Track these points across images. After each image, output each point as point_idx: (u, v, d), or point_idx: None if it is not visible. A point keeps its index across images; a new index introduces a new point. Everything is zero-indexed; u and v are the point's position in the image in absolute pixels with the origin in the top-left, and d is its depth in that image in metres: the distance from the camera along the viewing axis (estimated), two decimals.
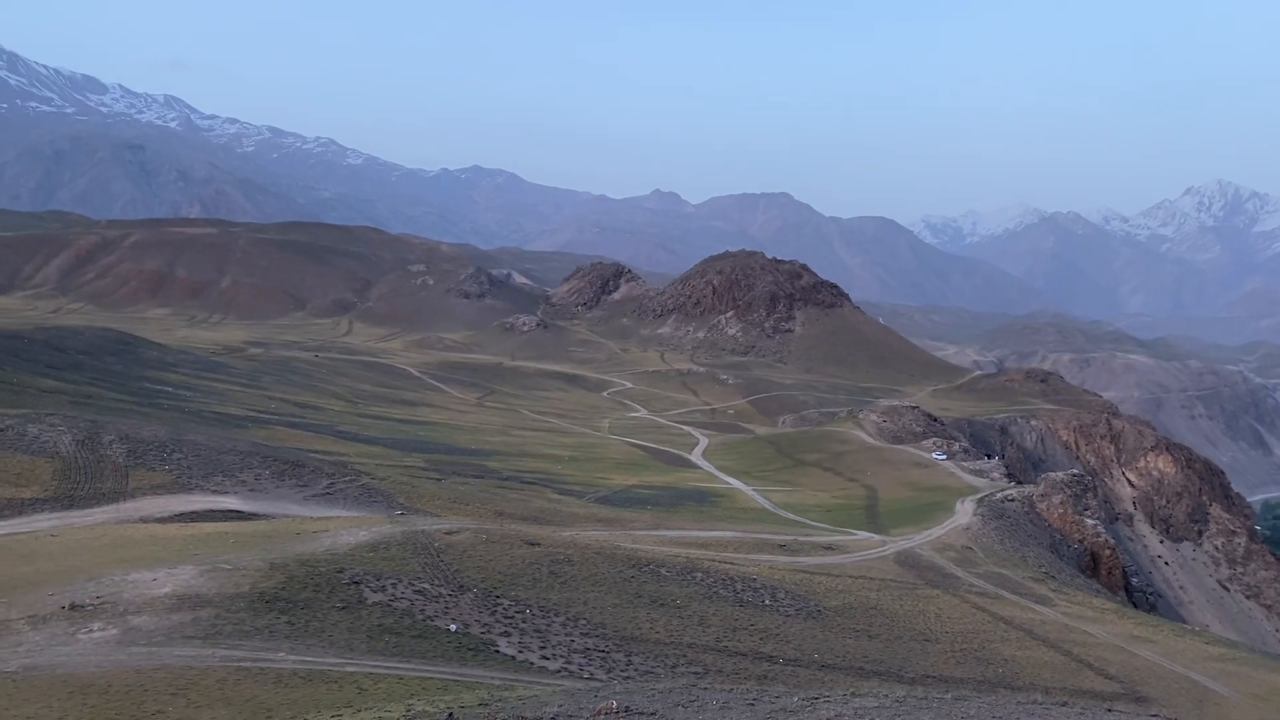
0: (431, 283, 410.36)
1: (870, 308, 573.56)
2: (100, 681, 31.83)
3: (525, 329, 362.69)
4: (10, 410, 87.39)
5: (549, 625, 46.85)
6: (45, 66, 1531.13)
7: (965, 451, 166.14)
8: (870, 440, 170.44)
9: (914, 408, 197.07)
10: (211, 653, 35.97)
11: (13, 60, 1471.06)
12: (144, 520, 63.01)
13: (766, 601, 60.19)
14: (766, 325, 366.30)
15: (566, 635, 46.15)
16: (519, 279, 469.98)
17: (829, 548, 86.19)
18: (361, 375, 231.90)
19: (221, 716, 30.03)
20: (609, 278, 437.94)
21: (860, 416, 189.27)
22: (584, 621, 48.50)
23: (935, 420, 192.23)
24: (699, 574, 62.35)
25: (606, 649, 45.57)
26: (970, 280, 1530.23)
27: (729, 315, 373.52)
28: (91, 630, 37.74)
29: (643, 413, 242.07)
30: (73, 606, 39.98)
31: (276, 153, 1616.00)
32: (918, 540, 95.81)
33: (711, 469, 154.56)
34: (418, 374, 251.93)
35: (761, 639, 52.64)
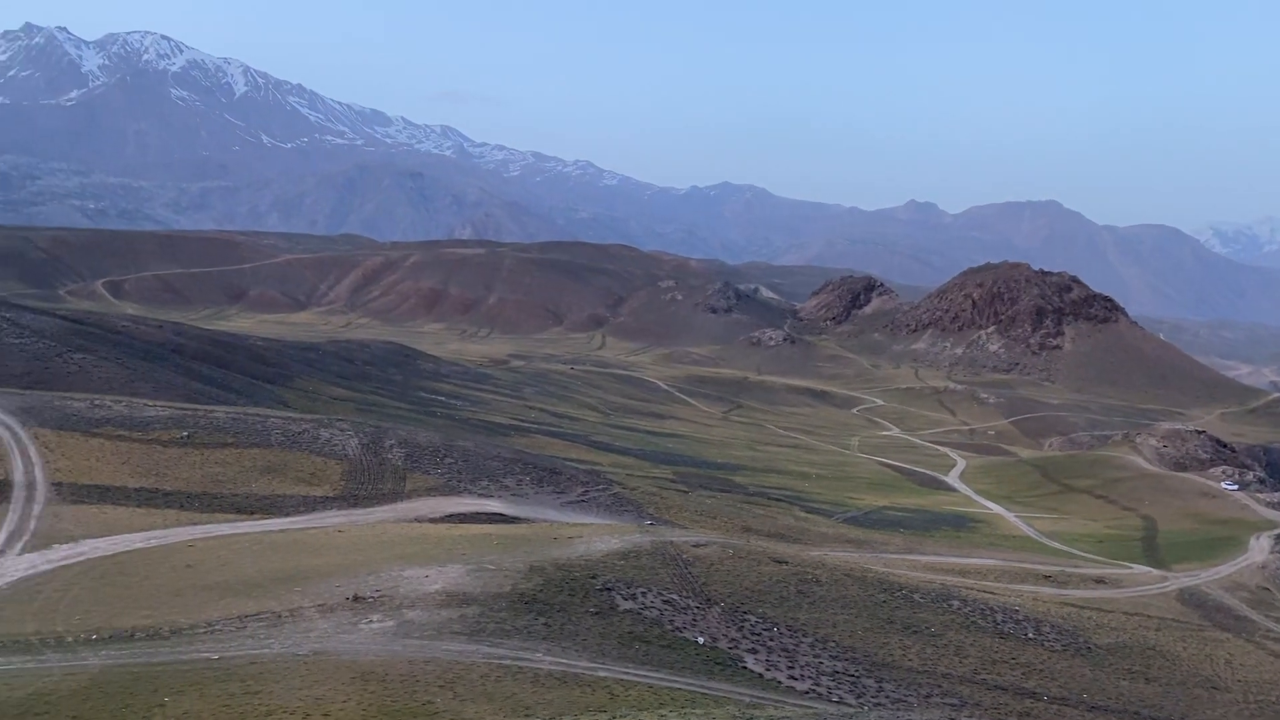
0: (680, 298, 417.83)
1: (1149, 323, 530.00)
2: (379, 669, 34.31)
3: (772, 343, 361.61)
4: (306, 415, 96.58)
5: (797, 645, 46.14)
6: (339, 103, 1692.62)
7: (1261, 482, 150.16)
8: (1149, 467, 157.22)
9: (1200, 432, 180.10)
10: (476, 649, 37.94)
11: (313, 99, 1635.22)
12: (418, 520, 67.65)
13: (1030, 634, 56.62)
14: (1032, 341, 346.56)
15: (815, 656, 45.28)
16: (766, 293, 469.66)
17: (1101, 581, 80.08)
18: (613, 387, 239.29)
19: (484, 712, 31.54)
20: (859, 291, 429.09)
21: (1137, 441, 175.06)
22: (833, 644, 47.44)
23: (1225, 446, 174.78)
24: (955, 602, 59.55)
25: (856, 673, 44.32)
26: (1269, 293, 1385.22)
27: (990, 330, 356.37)
28: (371, 621, 40.81)
29: (895, 431, 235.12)
30: (356, 598, 43.42)
31: (539, 176, 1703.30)
32: (1204, 577, 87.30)
33: (969, 492, 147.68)
34: (666, 387, 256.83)
35: (1024, 674, 49.54)
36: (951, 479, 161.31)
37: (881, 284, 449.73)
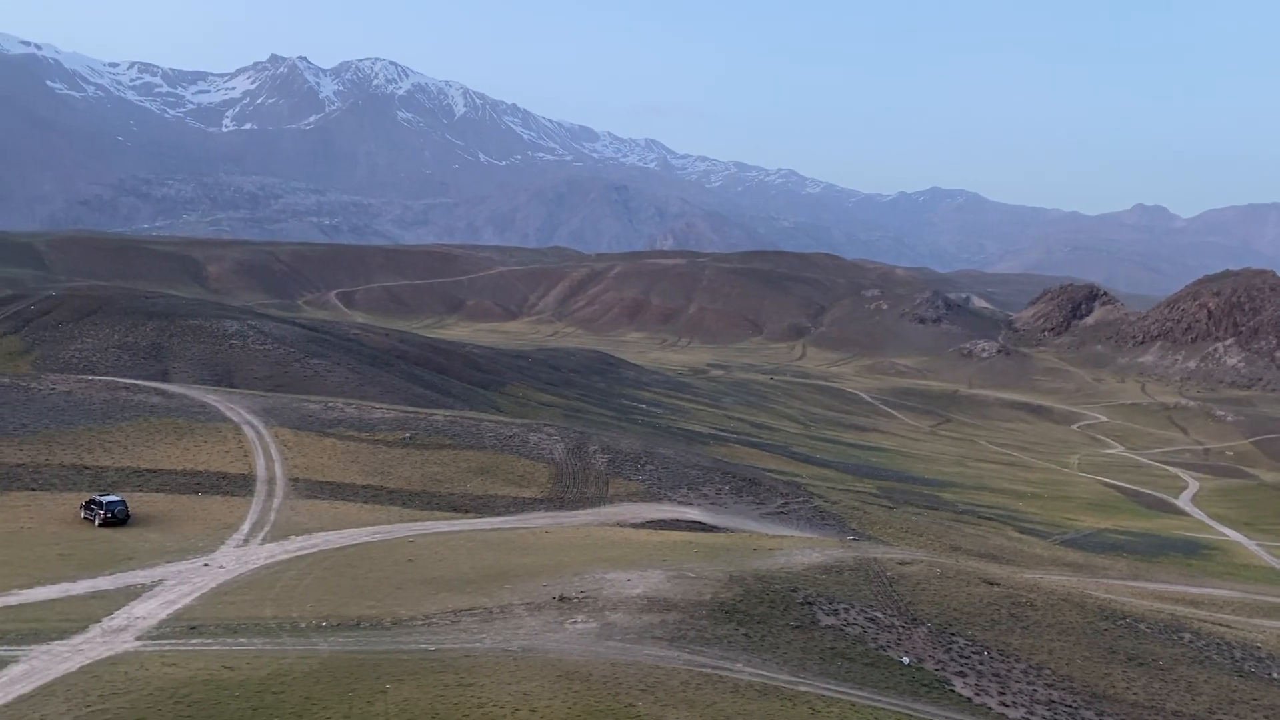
0: (885, 307, 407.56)
1: None
2: (583, 669, 35.22)
3: (984, 355, 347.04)
4: (517, 420, 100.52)
5: (1009, 670, 44.00)
6: (550, 120, 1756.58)
7: None
8: None
9: None
10: (676, 655, 38.31)
11: (526, 117, 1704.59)
12: (620, 524, 69.03)
13: (1275, 675, 51.65)
14: (1278, 355, 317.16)
15: (1028, 684, 43.04)
16: (978, 302, 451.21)
17: None
18: (814, 398, 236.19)
19: (685, 718, 31.80)
20: (1081, 300, 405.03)
21: None
22: (1048, 671, 44.93)
23: None
24: (1187, 634, 55.13)
25: (1074, 704, 41.80)
26: None
27: (1228, 343, 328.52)
28: (576, 621, 41.94)
29: (1119, 449, 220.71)
30: (561, 598, 44.75)
31: (741, 186, 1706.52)
32: None
33: (1203, 517, 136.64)
34: (869, 399, 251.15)
35: (1267, 717, 45.25)
36: (1182, 502, 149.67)
37: (1105, 293, 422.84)
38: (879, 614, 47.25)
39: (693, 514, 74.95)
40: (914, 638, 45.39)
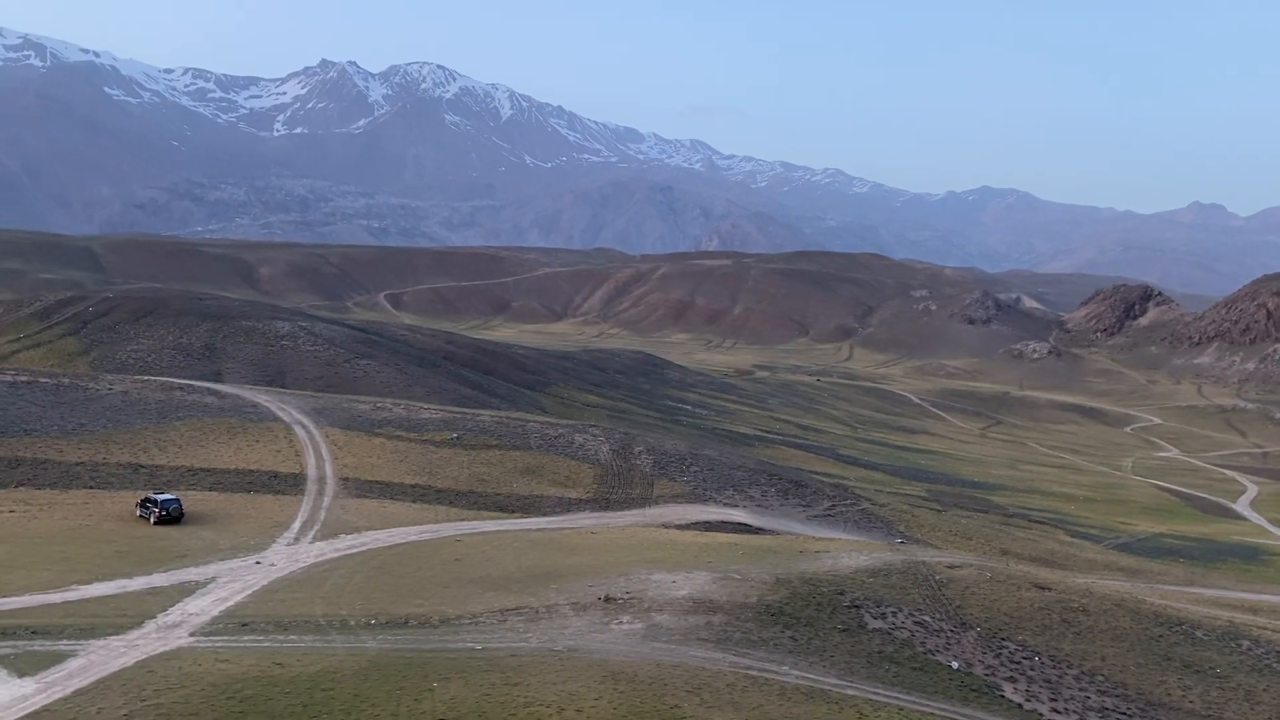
0: (934, 308, 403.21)
1: None
2: (628, 670, 35.24)
3: (1035, 356, 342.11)
4: (562, 420, 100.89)
5: (1060, 677, 43.30)
6: (595, 122, 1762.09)
7: None
8: None
9: None
10: (722, 657, 38.19)
11: (572, 119, 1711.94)
12: (665, 526, 68.97)
13: None
14: None
15: (1080, 690, 42.32)
16: (1029, 303, 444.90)
17: None
18: (861, 400, 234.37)
19: None
20: (1134, 301, 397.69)
21: None
22: (1100, 678, 44.15)
23: None
24: (1246, 642, 53.84)
25: (1129, 711, 41.03)
26: None
27: None
28: (622, 622, 41.98)
29: (1173, 453, 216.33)
30: (607, 599, 44.81)
31: (787, 186, 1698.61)
32: None
33: (1263, 522, 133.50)
34: (918, 400, 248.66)
35: None
36: (1241, 506, 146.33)
37: (1160, 293, 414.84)
38: (927, 618, 46.75)
39: (738, 516, 74.69)
40: (963, 642, 44.85)
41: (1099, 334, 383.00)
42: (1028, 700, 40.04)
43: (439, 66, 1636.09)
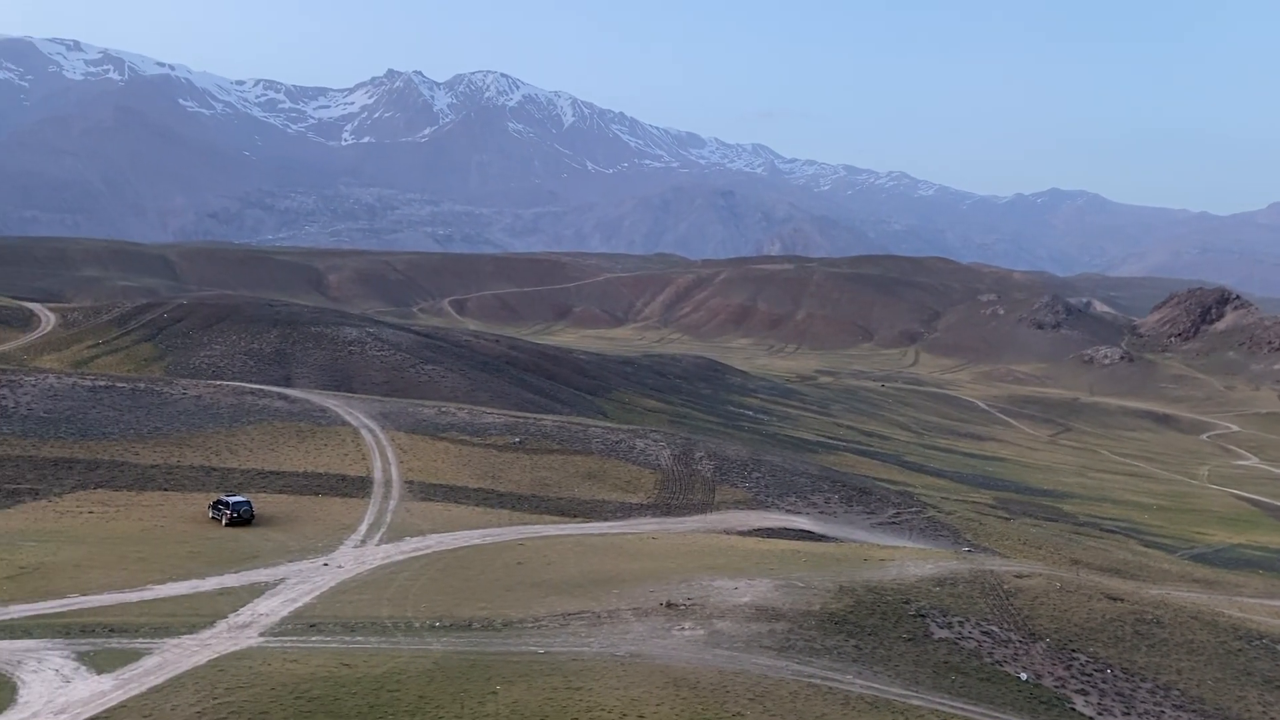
0: (1002, 312, 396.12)
1: None
2: (690, 677, 35.11)
3: (1107, 362, 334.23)
4: (623, 425, 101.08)
5: (1134, 690, 42.18)
6: (656, 128, 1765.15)
7: None
8: None
9: None
10: (785, 665, 37.87)
11: (633, 125, 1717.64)
12: (726, 532, 68.68)
13: None
14: None
15: (1155, 704, 41.18)
16: (1100, 307, 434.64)
17: None
18: (927, 406, 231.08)
19: None
20: (1210, 305, 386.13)
21: None
22: (1176, 692, 42.89)
23: None
24: None
25: None
26: None
27: None
28: (684, 628, 41.87)
29: (1253, 461, 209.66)
30: (669, 605, 44.74)
31: (850, 190, 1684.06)
32: None
33: None
34: (985, 407, 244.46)
35: None
36: None
37: (1237, 296, 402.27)
38: (995, 628, 45.88)
39: (801, 523, 74.11)
40: (1032, 653, 43.94)
41: (1173, 339, 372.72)
42: (1100, 714, 39.09)
43: (502, 75, 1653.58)
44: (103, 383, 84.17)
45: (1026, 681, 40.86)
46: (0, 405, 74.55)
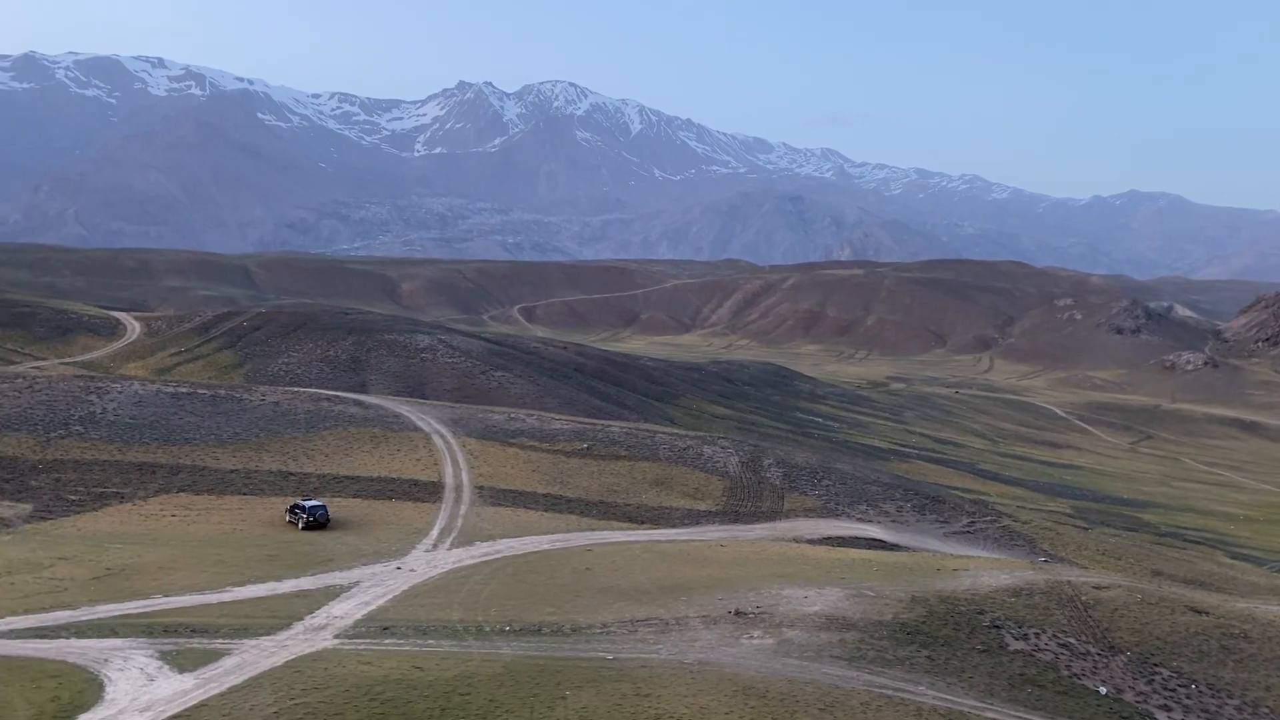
0: (1079, 317, 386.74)
1: None
2: (759, 685, 34.88)
3: (1190, 367, 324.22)
4: (690, 432, 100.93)
5: (1219, 707, 40.81)
6: (723, 133, 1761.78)
7: None
8: None
9: None
10: (856, 675, 37.41)
11: (700, 132, 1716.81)
12: (796, 540, 68.12)
13: None
14: None
15: None
16: (1182, 311, 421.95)
17: None
18: (1002, 413, 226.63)
19: None
20: None
21: None
22: (1265, 710, 41.40)
23: None
24: None
25: None
26: None
27: None
28: (752, 636, 41.61)
29: None
30: (738, 613, 44.50)
31: (922, 193, 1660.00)
32: None
33: None
34: (1063, 414, 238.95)
35: None
36: None
37: None
38: (1073, 640, 44.77)
39: (872, 531, 73.19)
40: (1112, 667, 42.77)
41: (1260, 343, 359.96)
42: None
43: (570, 84, 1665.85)
44: (185, 389, 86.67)
45: (1106, 696, 39.80)
46: (89, 411, 77.21)
